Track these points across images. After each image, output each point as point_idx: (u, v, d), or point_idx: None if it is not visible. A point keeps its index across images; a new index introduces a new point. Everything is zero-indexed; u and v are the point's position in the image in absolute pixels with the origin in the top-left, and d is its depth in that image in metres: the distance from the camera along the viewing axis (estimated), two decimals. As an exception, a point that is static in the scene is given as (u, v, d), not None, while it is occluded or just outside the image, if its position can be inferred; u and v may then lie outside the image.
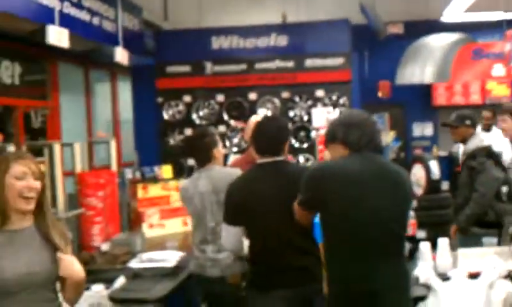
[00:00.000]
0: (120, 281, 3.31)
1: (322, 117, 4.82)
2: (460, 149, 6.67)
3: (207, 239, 3.66)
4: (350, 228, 2.60)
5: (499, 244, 3.21)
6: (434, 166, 6.92)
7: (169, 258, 3.51)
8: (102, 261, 3.76)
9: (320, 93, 9.57)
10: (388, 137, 9.02)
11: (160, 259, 3.51)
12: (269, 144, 3.22)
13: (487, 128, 6.44)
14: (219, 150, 3.97)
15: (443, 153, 11.48)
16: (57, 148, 6.37)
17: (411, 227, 3.41)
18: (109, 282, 3.33)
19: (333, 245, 2.67)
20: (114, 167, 7.84)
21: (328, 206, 2.62)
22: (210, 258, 3.59)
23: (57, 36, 5.86)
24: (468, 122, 4.78)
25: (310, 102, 9.54)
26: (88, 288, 3.29)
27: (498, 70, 11.37)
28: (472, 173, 4.61)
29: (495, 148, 6.20)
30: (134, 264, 3.45)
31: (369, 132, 2.77)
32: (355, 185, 2.62)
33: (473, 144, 4.79)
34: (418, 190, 6.99)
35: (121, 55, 7.65)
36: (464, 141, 4.88)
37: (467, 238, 4.32)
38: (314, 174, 2.78)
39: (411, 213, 3.44)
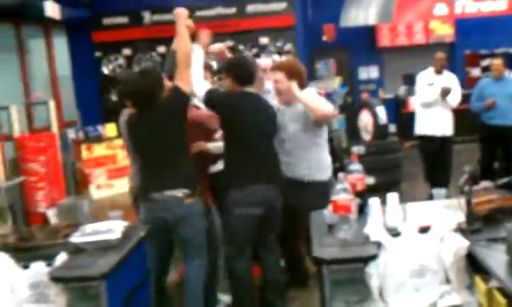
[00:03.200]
0: (61, 258, 3.11)
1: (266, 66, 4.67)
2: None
3: None
4: None
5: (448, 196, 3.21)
6: (381, 111, 6.88)
7: (114, 229, 3.33)
8: (42, 236, 3.53)
9: (264, 40, 9.38)
10: (334, 83, 8.96)
11: (104, 230, 3.33)
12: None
13: (440, 70, 6.38)
14: None
15: (389, 96, 11.56)
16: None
17: (360, 182, 3.33)
18: (50, 258, 3.12)
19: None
20: (54, 128, 7.52)
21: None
22: None
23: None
24: None
25: (255, 50, 9.34)
26: (27, 267, 3.11)
27: (441, 9, 11.39)
28: None
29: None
30: (76, 238, 3.26)
31: None
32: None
33: None
34: (366, 136, 6.97)
35: (51, 9, 7.25)
36: None
37: None
38: None
39: (358, 167, 3.36)
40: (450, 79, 6.44)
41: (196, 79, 3.73)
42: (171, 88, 3.54)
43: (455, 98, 6.31)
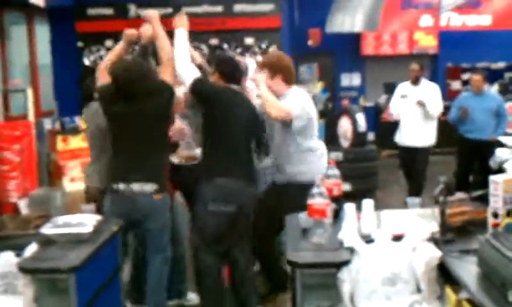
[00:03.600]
0: (31, 249, 3.06)
1: (252, 68, 4.59)
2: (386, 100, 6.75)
3: None
4: None
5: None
6: (361, 119, 6.93)
7: (86, 222, 3.28)
8: (13, 226, 3.48)
9: (249, 40, 9.37)
10: (316, 88, 8.98)
11: (76, 223, 3.28)
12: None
13: (415, 81, 6.44)
14: None
15: (370, 104, 11.61)
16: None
17: (336, 188, 3.33)
18: (20, 249, 3.06)
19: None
20: (31, 117, 7.40)
21: None
22: None
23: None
24: None
25: (239, 50, 9.32)
26: (-4, 257, 3.04)
27: (426, 20, 11.46)
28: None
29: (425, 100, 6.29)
30: (47, 229, 3.20)
31: None
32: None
33: None
34: (345, 143, 7.00)
35: (36, -5, 7.14)
36: None
37: None
38: None
39: (336, 172, 3.35)
40: (428, 89, 6.49)
41: (183, 64, 3.69)
42: (157, 82, 3.58)
43: (435, 108, 6.36)
